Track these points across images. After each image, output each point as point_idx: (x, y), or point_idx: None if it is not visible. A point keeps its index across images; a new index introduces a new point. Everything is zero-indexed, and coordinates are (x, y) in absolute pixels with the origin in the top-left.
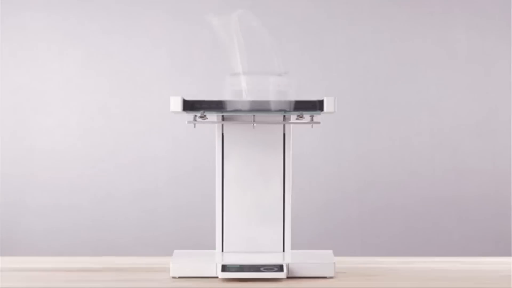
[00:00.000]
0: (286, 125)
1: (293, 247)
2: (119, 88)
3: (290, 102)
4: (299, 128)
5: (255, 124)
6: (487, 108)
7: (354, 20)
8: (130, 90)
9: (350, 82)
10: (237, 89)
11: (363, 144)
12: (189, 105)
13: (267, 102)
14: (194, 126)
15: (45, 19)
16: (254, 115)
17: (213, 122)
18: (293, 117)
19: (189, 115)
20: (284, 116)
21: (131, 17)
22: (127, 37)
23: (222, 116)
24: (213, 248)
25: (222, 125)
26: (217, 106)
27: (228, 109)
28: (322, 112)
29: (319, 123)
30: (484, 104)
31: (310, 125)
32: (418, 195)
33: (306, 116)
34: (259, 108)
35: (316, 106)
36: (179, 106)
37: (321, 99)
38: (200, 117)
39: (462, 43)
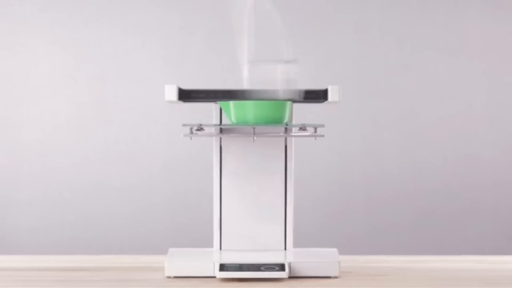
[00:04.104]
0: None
1: (295, 245)
2: (111, 77)
3: (294, 91)
4: (300, 120)
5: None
6: (500, 97)
7: (361, 5)
8: (123, 79)
9: (356, 70)
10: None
11: (369, 136)
12: (184, 94)
13: (269, 91)
14: (191, 139)
15: (33, 4)
16: (254, 128)
17: (211, 135)
18: (295, 128)
19: (185, 128)
20: (286, 128)
21: (124, 3)
22: (119, 24)
23: (220, 128)
24: (211, 246)
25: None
26: (214, 95)
27: (226, 99)
28: (327, 101)
29: (323, 136)
30: (498, 92)
31: (313, 132)
32: (427, 189)
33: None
34: (261, 98)
35: (320, 95)
36: (174, 95)
37: (325, 88)
38: (197, 129)
39: (475, 28)
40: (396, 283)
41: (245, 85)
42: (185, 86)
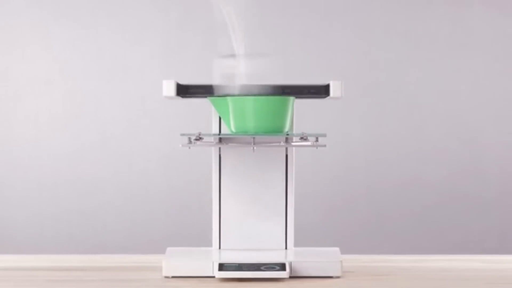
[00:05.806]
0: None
1: (296, 244)
2: (108, 72)
3: (296, 86)
4: (301, 116)
5: (255, 148)
6: (506, 91)
7: None
8: (120, 74)
9: (358, 65)
10: (229, 72)
11: (372, 132)
12: (183, 90)
13: (270, 86)
14: (189, 148)
15: None
16: (253, 138)
17: (210, 145)
18: (295, 138)
19: (183, 138)
20: (287, 138)
21: None
22: (116, 18)
23: (220, 138)
24: (210, 245)
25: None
26: (214, 91)
27: (226, 94)
28: (328, 97)
29: (324, 145)
30: (504, 88)
31: (314, 141)
32: (431, 187)
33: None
34: (260, 93)
35: (322, 90)
36: (172, 90)
37: (327, 83)
38: (196, 139)
39: (480, 21)
40: (399, 283)
41: (245, 81)
42: (183, 82)
